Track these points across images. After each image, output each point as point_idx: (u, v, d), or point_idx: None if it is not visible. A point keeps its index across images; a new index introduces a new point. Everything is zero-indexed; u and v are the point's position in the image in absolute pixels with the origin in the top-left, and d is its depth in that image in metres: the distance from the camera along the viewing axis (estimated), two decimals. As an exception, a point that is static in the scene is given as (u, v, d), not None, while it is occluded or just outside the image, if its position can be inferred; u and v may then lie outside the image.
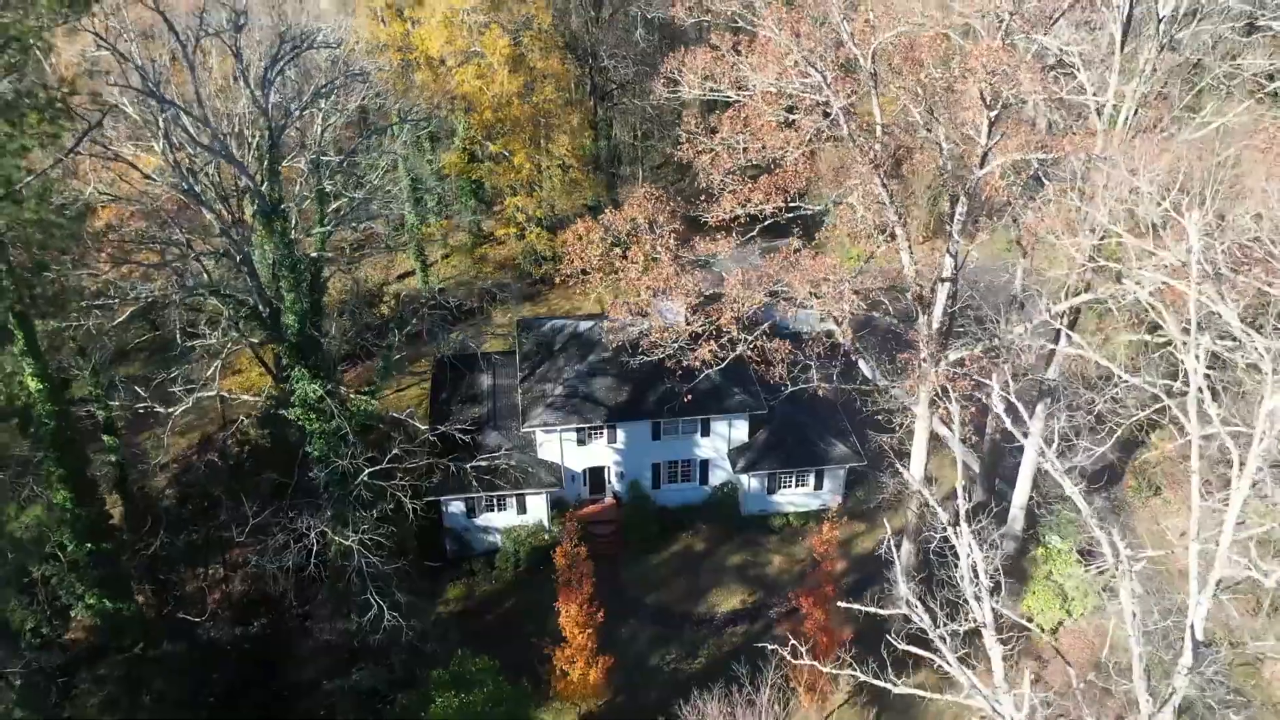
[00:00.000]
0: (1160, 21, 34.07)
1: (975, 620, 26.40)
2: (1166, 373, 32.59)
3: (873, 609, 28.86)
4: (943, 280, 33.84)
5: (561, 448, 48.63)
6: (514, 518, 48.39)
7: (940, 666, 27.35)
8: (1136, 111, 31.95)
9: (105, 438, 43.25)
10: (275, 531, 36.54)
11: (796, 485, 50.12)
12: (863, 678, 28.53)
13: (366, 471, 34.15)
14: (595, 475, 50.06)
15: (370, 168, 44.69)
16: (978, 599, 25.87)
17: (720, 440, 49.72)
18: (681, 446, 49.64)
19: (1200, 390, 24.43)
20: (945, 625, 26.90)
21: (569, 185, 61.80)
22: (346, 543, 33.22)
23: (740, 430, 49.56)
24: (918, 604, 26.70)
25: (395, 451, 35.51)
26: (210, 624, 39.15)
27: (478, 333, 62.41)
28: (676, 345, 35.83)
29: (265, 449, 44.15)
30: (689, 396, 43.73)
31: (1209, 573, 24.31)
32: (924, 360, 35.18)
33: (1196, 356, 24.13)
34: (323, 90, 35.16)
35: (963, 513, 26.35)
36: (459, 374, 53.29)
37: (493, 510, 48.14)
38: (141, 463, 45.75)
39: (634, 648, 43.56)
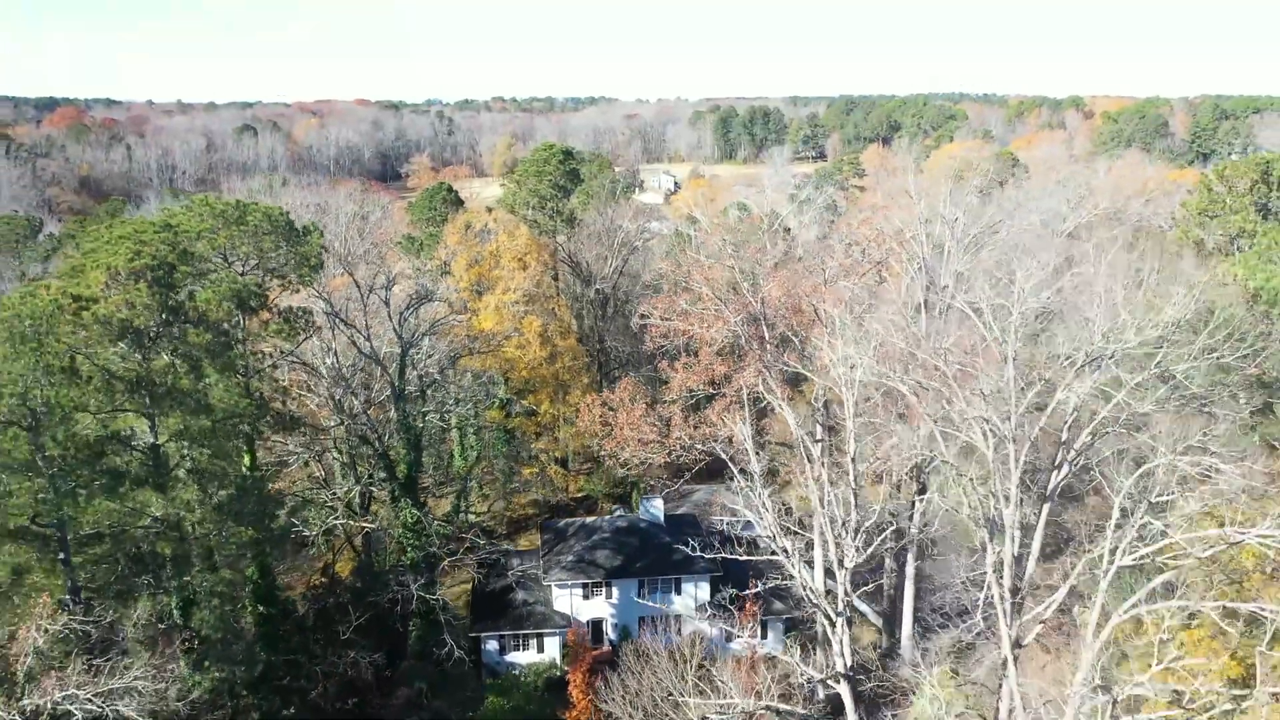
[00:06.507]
0: (946, 288, 56.56)
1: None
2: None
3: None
4: (815, 440, 53.57)
5: (571, 601, 65.74)
6: (534, 655, 64.56)
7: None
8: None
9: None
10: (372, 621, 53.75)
11: (748, 635, 66.38)
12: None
13: (447, 560, 52.27)
14: (596, 627, 66.65)
15: (445, 400, 66.07)
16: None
17: (689, 599, 66.81)
18: (661, 602, 66.63)
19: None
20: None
21: (579, 434, 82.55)
22: (433, 598, 50.69)
23: (704, 590, 66.77)
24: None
25: (472, 536, 53.80)
26: (320, 698, 55.14)
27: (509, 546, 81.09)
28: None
29: (358, 588, 61.77)
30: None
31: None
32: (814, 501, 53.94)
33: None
34: (430, 329, 57.06)
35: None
36: (495, 564, 71.27)
37: (519, 650, 64.44)
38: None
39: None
